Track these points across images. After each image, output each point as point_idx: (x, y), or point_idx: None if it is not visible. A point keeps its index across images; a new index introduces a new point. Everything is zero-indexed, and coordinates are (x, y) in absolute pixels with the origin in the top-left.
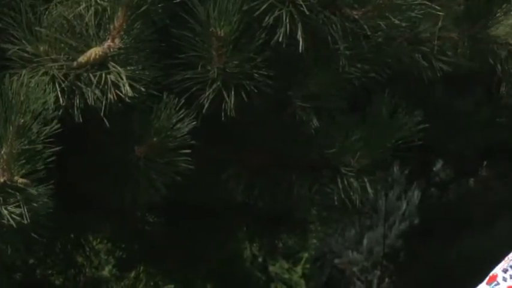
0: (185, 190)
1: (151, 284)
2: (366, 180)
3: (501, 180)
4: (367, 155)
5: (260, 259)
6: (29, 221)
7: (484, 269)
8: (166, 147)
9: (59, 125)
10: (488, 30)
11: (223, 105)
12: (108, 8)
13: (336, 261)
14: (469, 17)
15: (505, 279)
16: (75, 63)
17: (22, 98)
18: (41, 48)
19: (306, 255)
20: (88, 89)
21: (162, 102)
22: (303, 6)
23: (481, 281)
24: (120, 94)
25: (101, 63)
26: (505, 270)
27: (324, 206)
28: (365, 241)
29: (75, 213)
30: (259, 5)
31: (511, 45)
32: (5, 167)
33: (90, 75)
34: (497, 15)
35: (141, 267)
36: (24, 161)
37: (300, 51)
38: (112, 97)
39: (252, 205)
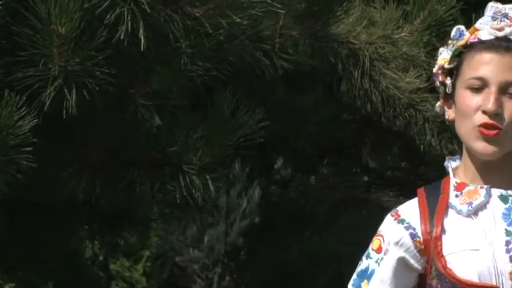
0: (26, 188)
1: None
2: (207, 177)
3: (341, 178)
4: (209, 153)
5: (101, 257)
6: None
7: (325, 265)
8: (8, 145)
9: None
10: (329, 29)
11: (65, 103)
12: None
13: (177, 258)
14: (310, 15)
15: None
16: None
17: None
18: None
19: (147, 253)
20: None
21: (3, 99)
22: (145, 4)
23: (323, 277)
24: None
25: None
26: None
27: (166, 204)
28: (206, 239)
29: None
30: (101, 3)
31: (352, 44)
32: None
33: None
34: (338, 13)
35: None
36: None
37: (142, 49)
38: None
39: (94, 203)
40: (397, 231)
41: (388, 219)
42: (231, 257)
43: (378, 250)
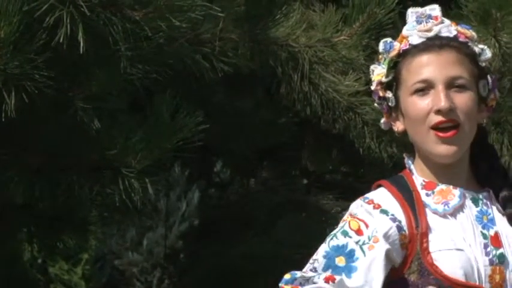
0: None
1: None
2: (147, 180)
3: (281, 181)
4: (148, 156)
5: (40, 260)
6: None
7: (265, 267)
8: None
9: None
10: (269, 32)
11: (4, 106)
12: None
13: (116, 262)
14: (250, 18)
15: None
16: None
17: None
18: None
19: (86, 256)
20: None
21: None
22: (84, 7)
23: (264, 279)
24: None
25: None
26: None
27: (105, 207)
28: (145, 242)
29: None
30: (40, 6)
31: (291, 47)
32: None
33: None
34: (278, 16)
35: None
36: None
37: (81, 52)
38: None
39: (33, 206)
40: (384, 222)
41: (365, 206)
42: (170, 260)
43: (359, 232)
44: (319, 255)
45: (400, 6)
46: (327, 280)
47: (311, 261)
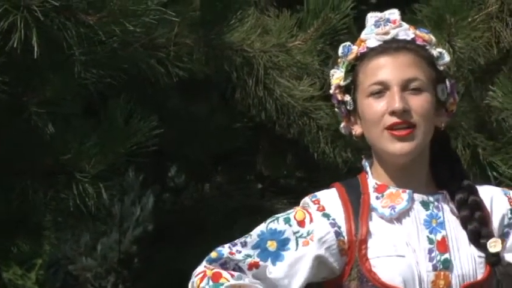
0: None
1: None
2: (101, 185)
3: (235, 185)
4: (103, 161)
5: None
6: None
7: None
8: None
9: None
10: (224, 37)
11: None
12: None
13: (70, 267)
14: (205, 24)
15: None
16: None
17: None
18: None
19: (39, 261)
20: None
21: None
22: (38, 12)
23: None
24: None
25: None
26: None
27: (59, 212)
28: (99, 247)
29: None
30: None
31: (246, 52)
32: None
33: None
34: (233, 22)
35: None
36: None
37: (35, 56)
38: None
39: None
40: (322, 226)
41: (311, 206)
42: (124, 265)
43: (301, 223)
44: (254, 232)
45: (354, 12)
46: (250, 267)
47: (246, 235)
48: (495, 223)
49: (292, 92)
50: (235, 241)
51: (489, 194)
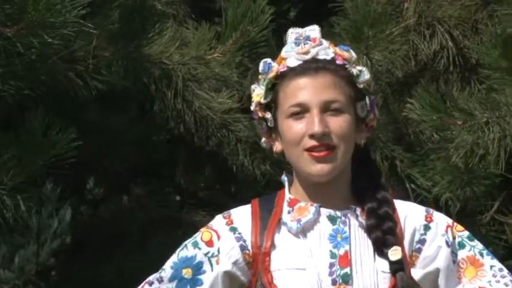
0: None
1: None
2: (19, 197)
3: (154, 198)
4: (21, 173)
5: None
6: None
7: (138, 284)
8: None
9: None
10: (142, 49)
11: None
12: None
13: None
14: (124, 36)
15: None
16: None
17: None
18: None
19: None
20: None
21: None
22: None
23: None
24: None
25: None
26: None
27: None
28: (16, 259)
29: None
30: None
31: (165, 64)
32: None
33: None
34: (151, 34)
35: None
36: None
37: None
38: None
39: None
40: (228, 242)
41: (220, 221)
42: (42, 278)
43: (209, 243)
44: (167, 265)
45: (273, 24)
46: None
47: (160, 270)
48: (407, 237)
49: (211, 104)
50: (150, 278)
51: (407, 210)
